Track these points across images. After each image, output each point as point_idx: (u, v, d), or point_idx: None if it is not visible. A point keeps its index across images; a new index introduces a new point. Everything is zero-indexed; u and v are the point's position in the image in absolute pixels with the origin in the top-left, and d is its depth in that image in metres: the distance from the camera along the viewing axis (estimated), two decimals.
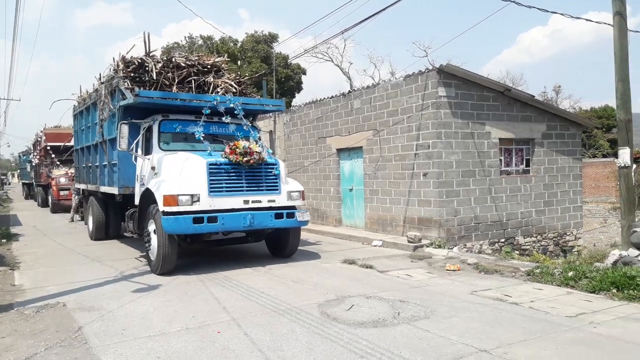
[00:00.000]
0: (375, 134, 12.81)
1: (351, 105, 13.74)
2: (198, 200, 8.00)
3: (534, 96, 12.97)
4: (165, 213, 7.86)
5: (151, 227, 8.45)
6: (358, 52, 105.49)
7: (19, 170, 49.60)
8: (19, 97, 48.50)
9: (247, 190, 8.53)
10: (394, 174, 12.27)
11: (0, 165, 53.17)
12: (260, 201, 8.63)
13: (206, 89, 10.30)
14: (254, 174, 8.65)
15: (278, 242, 9.77)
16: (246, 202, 8.47)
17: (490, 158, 11.88)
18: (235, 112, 9.29)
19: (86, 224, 13.72)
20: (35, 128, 47.01)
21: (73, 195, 18.48)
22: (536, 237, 12.74)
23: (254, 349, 4.74)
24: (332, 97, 14.74)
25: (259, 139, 9.74)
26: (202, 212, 7.96)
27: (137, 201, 9.41)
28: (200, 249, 10.16)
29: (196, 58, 10.79)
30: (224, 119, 9.22)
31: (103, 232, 12.49)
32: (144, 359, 4.54)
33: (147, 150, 9.39)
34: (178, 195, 7.89)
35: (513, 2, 11.21)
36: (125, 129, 8.75)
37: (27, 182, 33.83)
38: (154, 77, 9.83)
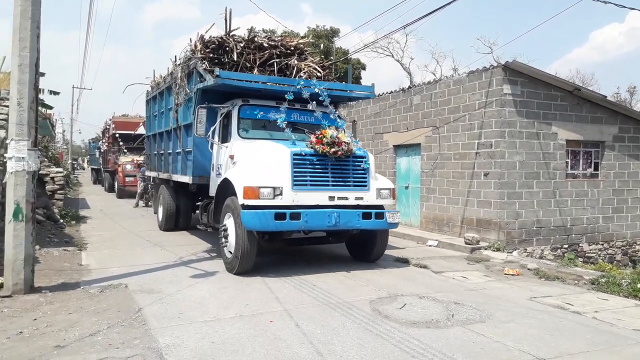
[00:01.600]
0: (435, 130, 12.55)
1: (410, 101, 13.53)
2: (280, 194, 7.28)
3: (606, 97, 12.29)
4: (245, 207, 7.21)
5: (228, 221, 7.80)
6: (420, 48, 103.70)
7: (88, 156, 52.30)
8: (90, 87, 51.17)
9: (332, 185, 7.70)
10: (453, 173, 11.99)
11: (72, 151, 56.20)
12: (347, 198, 7.76)
13: (288, 72, 9.53)
14: (341, 167, 7.81)
15: (362, 245, 8.83)
16: (331, 198, 7.64)
17: (556, 160, 11.37)
18: (320, 98, 8.44)
19: (155, 212, 13.52)
20: (104, 116, 49.21)
21: (138, 181, 19.18)
22: (602, 244, 12.10)
23: (304, 341, 4.77)
24: (391, 92, 14.57)
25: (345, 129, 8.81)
26: (284, 208, 7.22)
27: (212, 192, 8.92)
28: (278, 248, 9.37)
29: (279, 38, 10.09)
30: (309, 105, 8.41)
31: (173, 223, 12.04)
32: (199, 343, 4.67)
33: (225, 138, 8.82)
34: (260, 187, 7.20)
35: None
36: (203, 114, 8.31)
37: (96, 167, 35.64)
38: (235, 59, 9.14)
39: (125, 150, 23.29)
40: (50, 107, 19.03)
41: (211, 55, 9.15)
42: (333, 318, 5.49)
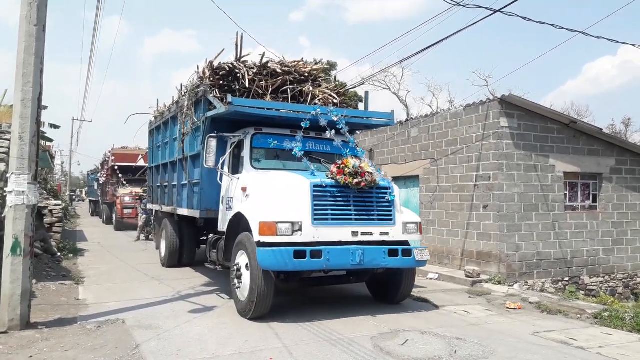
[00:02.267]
0: (433, 163, 12.62)
1: (408, 134, 13.64)
2: (300, 230, 6.65)
3: (602, 129, 12.43)
4: (260, 244, 6.58)
5: (241, 259, 7.10)
6: (416, 80, 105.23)
7: (87, 188, 52.28)
8: (90, 119, 51.29)
9: (356, 220, 7.08)
10: (452, 205, 12.00)
11: (71, 182, 56.21)
12: (371, 233, 7.14)
13: (302, 100, 9.14)
14: (364, 199, 7.22)
15: (386, 285, 8.08)
16: (355, 234, 7.01)
17: (555, 192, 11.41)
18: (338, 125, 7.98)
19: (157, 248, 12.93)
20: (103, 147, 49.46)
21: (139, 214, 18.83)
22: (603, 277, 12.02)
23: None
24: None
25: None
26: (303, 245, 6.61)
27: (221, 227, 8.36)
28: (295, 289, 8.57)
29: (293, 64, 9.47)
30: (327, 134, 7.95)
31: (176, 259, 11.40)
32: None
33: (235, 169, 8.30)
34: (277, 222, 6.56)
35: (581, 32, 10.89)
36: (212, 143, 7.77)
37: (94, 199, 35.58)
38: (247, 85, 8.63)
39: (124, 182, 23.31)
40: (51, 140, 19.13)
41: (221, 82, 8.78)
42: (334, 355, 5.41)
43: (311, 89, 9.25)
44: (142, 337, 5.90)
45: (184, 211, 10.20)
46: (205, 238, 10.64)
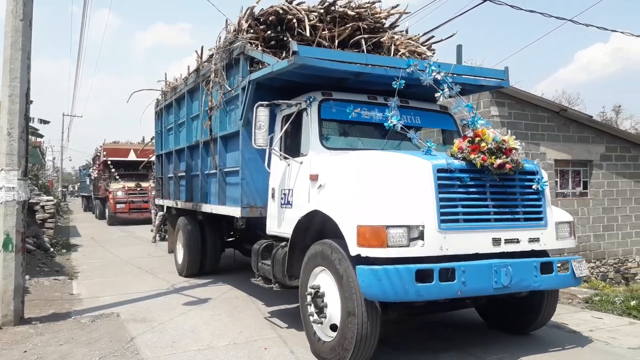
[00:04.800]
0: None
1: None
2: (420, 237, 4.39)
3: (592, 117, 12.53)
4: (361, 259, 4.35)
5: (322, 280, 4.90)
6: None
7: (79, 183, 52.08)
8: (81, 114, 51.31)
9: (496, 220, 4.80)
10: None
11: (62, 178, 55.92)
12: (517, 240, 4.85)
13: (379, 54, 6.81)
14: (506, 189, 4.93)
15: (512, 307, 5.63)
16: (496, 241, 4.74)
17: None
18: (446, 88, 5.52)
19: (171, 252, 10.79)
20: (95, 142, 49.09)
21: (153, 211, 16.26)
22: (594, 262, 12.17)
23: None
24: None
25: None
26: (426, 260, 4.39)
27: (273, 228, 6.36)
28: (395, 320, 5.63)
29: (366, 5, 7.04)
30: (439, 96, 5.55)
31: (197, 267, 9.31)
32: None
33: (294, 150, 6.08)
34: (387, 226, 4.28)
35: (570, 20, 10.94)
36: (264, 114, 5.69)
37: (86, 195, 35.44)
38: (308, 34, 6.43)
39: (116, 177, 23.22)
40: (41, 136, 19.01)
41: (266, 34, 6.74)
42: None
43: (393, 37, 6.98)
44: (137, 330, 5.92)
45: (214, 208, 7.91)
46: (231, 239, 9.42)
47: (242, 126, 6.60)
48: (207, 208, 8.24)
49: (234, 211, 6.91)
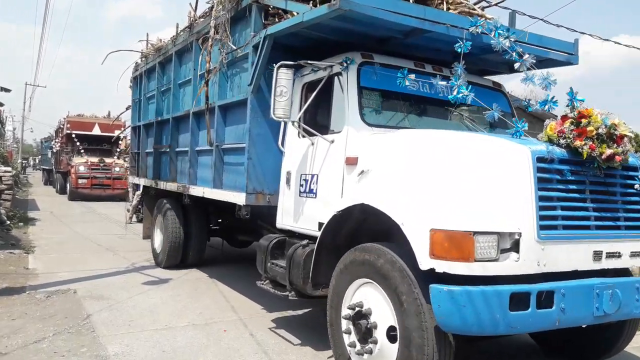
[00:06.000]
0: None
1: None
2: (515, 249, 3.36)
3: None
4: (435, 276, 3.30)
5: (369, 298, 3.83)
6: None
7: (40, 156, 50.53)
8: (44, 84, 49.26)
9: (596, 227, 3.73)
10: None
11: (23, 150, 54.19)
12: (619, 254, 3.82)
13: None
14: (607, 188, 3.85)
15: (585, 333, 4.40)
16: (597, 255, 3.69)
17: None
18: (514, 56, 4.41)
19: (147, 238, 9.62)
20: (58, 114, 47.49)
21: (130, 189, 13.35)
22: None
23: (258, 350, 4.74)
24: None
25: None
26: (522, 279, 3.34)
27: (284, 222, 5.26)
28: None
29: None
30: (519, 66, 4.40)
31: (179, 257, 8.13)
32: (149, 351, 4.57)
33: (321, 125, 4.90)
34: (475, 232, 3.23)
35: (541, 20, 11.11)
36: (286, 78, 4.56)
37: (47, 168, 34.43)
38: None
39: (81, 151, 22.61)
40: (1, 104, 18.28)
41: None
42: (290, 328, 5.48)
43: None
44: (93, 307, 5.82)
45: (208, 192, 6.59)
46: (218, 227, 8.47)
47: (252, 93, 5.41)
48: (197, 191, 6.98)
49: (237, 197, 5.67)
